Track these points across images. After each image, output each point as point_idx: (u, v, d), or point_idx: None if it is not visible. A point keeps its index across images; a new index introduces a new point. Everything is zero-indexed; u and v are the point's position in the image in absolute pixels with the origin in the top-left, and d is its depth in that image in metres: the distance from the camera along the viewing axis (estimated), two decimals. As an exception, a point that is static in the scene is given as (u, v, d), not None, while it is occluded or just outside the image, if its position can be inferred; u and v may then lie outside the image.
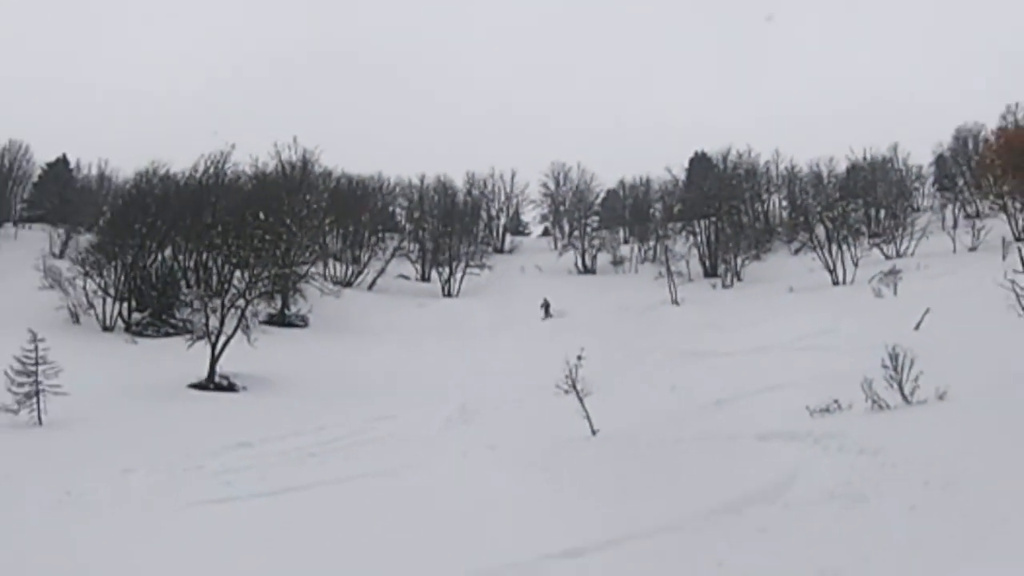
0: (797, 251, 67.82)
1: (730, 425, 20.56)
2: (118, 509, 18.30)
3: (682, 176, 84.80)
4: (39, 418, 28.49)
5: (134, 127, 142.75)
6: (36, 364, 28.89)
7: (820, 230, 63.43)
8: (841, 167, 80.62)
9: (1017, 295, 18.81)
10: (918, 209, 74.94)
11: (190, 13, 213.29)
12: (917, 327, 30.24)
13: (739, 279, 65.89)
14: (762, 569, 10.32)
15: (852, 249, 59.98)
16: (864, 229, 68.14)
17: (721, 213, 71.93)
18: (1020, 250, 24.75)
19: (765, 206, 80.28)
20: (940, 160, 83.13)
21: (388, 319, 56.23)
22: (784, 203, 79.98)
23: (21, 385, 28.81)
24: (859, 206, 72.43)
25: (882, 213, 74.56)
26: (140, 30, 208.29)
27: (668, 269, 62.47)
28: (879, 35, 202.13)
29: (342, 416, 28.26)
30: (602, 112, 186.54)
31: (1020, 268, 19.43)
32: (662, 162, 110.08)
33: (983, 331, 23.66)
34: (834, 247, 59.61)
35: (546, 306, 58.15)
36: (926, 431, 14.97)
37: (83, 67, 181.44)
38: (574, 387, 22.24)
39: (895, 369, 17.88)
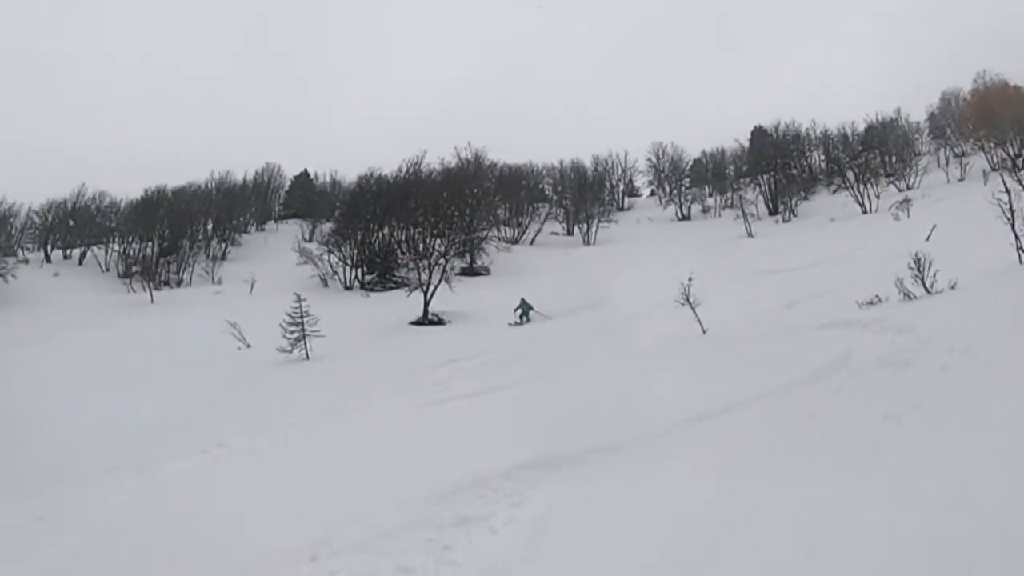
0: (834, 191, 67.32)
1: (799, 320, 20.60)
2: (368, 412, 18.85)
3: (746, 144, 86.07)
4: (307, 354, 29.30)
5: (354, 143, 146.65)
6: (302, 316, 29.80)
7: (850, 174, 63.55)
8: (861, 127, 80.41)
9: (1001, 208, 18.56)
10: (919, 153, 73.97)
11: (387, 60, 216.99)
12: (927, 239, 29.74)
13: (794, 215, 65.04)
14: (841, 418, 10.51)
15: (874, 186, 60.15)
16: (881, 171, 68.27)
17: (777, 168, 72.51)
18: (1002, 176, 24.51)
19: (808, 160, 79.69)
20: (932, 116, 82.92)
21: (545, 264, 56.57)
22: (822, 157, 79.33)
23: (292, 332, 29.75)
24: (876, 155, 72.76)
25: (893, 158, 73.86)
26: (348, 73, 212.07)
27: (743, 211, 63.40)
28: (879, 26, 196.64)
29: (519, 336, 28.52)
30: (686, 102, 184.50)
31: (1003, 190, 19.15)
32: (730, 135, 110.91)
33: (976, 237, 23.33)
34: (861, 186, 59.42)
35: (524, 309, 36.03)
36: (946, 312, 14.82)
37: (311, 100, 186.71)
38: (687, 300, 22.49)
39: (918, 269, 17.92)
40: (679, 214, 77.66)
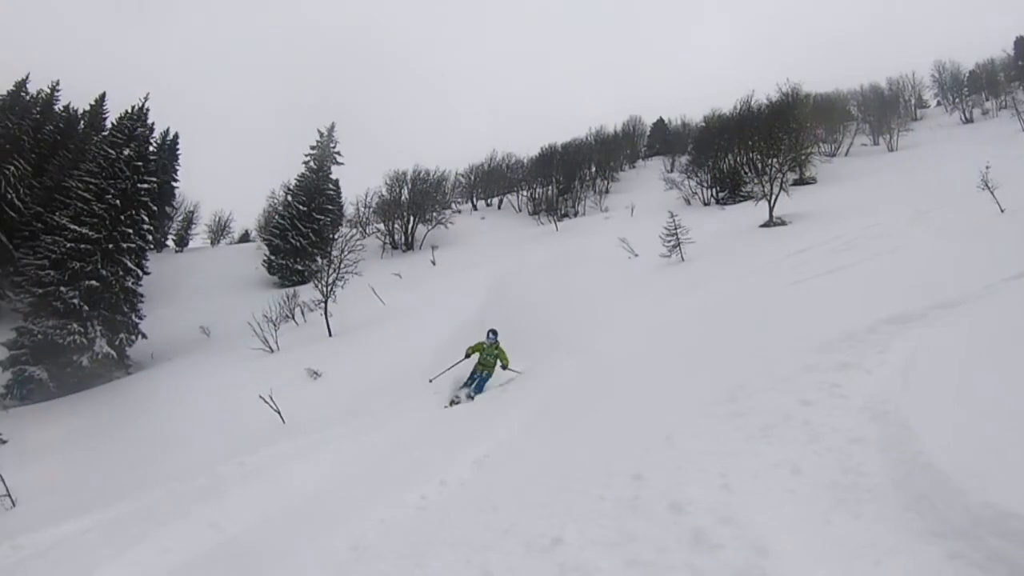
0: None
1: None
2: (747, 292, 18.99)
3: (1012, 53, 78.82)
4: (681, 257, 29.78)
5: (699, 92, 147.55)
6: (676, 229, 30.23)
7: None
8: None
9: None
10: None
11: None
12: None
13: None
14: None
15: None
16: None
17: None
18: None
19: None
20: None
21: (860, 169, 53.45)
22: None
23: (669, 241, 30.31)
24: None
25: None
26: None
27: (1016, 110, 57.12)
28: None
29: (848, 226, 27.22)
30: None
31: None
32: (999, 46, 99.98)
33: None
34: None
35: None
36: None
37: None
38: (986, 185, 21.38)
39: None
40: (963, 118, 72.54)
